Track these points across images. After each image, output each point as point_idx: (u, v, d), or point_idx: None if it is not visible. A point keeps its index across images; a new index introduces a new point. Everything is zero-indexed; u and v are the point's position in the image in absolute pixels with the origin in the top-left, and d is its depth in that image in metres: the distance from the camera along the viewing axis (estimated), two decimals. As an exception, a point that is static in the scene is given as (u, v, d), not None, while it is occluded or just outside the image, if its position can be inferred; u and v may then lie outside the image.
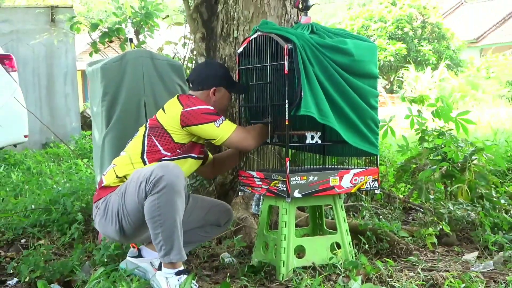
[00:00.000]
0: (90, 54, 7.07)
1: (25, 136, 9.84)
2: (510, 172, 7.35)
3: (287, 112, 3.82)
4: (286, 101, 3.81)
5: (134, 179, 3.64)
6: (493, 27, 37.04)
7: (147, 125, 3.93)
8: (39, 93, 12.63)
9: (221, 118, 3.88)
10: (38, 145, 12.04)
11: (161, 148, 3.84)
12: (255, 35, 4.08)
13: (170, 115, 3.87)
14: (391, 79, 30.24)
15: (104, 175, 3.91)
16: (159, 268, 3.67)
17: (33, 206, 5.73)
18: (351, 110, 3.97)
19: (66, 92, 12.77)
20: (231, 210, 4.21)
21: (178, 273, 3.59)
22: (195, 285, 3.58)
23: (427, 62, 29.82)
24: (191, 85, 4.08)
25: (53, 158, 10.11)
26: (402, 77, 27.63)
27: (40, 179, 7.75)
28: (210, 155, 4.27)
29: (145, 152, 3.84)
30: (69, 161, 9.56)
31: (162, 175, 3.50)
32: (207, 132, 3.86)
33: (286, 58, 3.79)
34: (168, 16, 7.69)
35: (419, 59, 30.38)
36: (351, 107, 3.97)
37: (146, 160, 3.83)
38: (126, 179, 3.79)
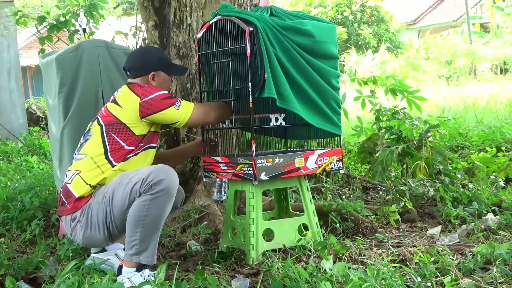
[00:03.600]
0: (41, 51, 6.89)
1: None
2: (459, 148, 7.48)
3: (251, 95, 3.80)
4: (250, 83, 3.79)
5: (124, 182, 3.56)
6: (429, 9, 37.61)
7: (102, 123, 3.79)
8: (-18, 90, 12.33)
9: (178, 100, 3.83)
10: (-17, 144, 11.74)
11: (123, 144, 3.74)
12: (214, 19, 4.04)
13: (127, 108, 3.76)
14: (333, 64, 30.41)
15: (68, 183, 3.73)
16: (119, 272, 3.60)
17: (-12, 205, 5.59)
18: (314, 91, 3.98)
19: (10, 88, 12.44)
20: (182, 190, 4.09)
21: (138, 269, 3.54)
22: (152, 277, 3.51)
23: (367, 46, 30.13)
24: (128, 73, 3.98)
25: (2, 156, 9.89)
26: (343, 61, 27.87)
27: (-10, 177, 7.58)
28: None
29: (108, 151, 3.73)
30: (19, 158, 9.37)
31: (162, 179, 3.46)
32: (168, 117, 3.79)
33: (248, 40, 3.77)
34: (118, 5, 7.56)
35: (359, 42, 30.67)
36: (313, 88, 3.98)
37: (111, 159, 3.72)
38: (100, 185, 3.71)
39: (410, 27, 35.98)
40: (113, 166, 3.72)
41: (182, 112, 3.81)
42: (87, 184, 3.68)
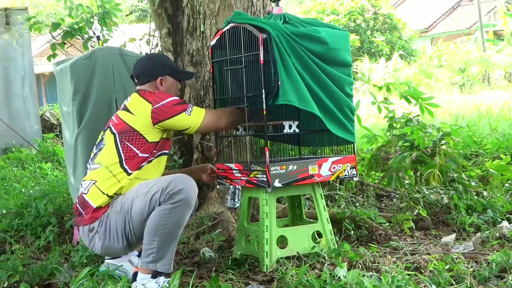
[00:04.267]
0: (49, 58, 6.92)
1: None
2: (473, 156, 7.45)
3: (264, 102, 3.80)
4: (263, 90, 3.79)
5: (143, 192, 3.58)
6: (442, 16, 37.54)
7: (115, 131, 3.80)
8: (-3, 97, 12.35)
9: (190, 106, 3.84)
10: (-2, 151, 11.77)
11: (138, 152, 3.74)
12: (228, 27, 4.05)
13: (139, 115, 3.77)
14: (346, 71, 30.38)
15: (84, 193, 3.74)
16: (134, 279, 3.60)
17: (4, 211, 5.61)
18: (328, 98, 3.97)
19: (24, 95, 12.46)
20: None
21: (154, 276, 3.54)
22: (167, 284, 3.52)
23: (380, 53, 30.08)
24: (136, 80, 4.00)
25: (16, 163, 9.93)
26: (356, 69, 27.83)
27: (5, 184, 7.60)
28: None
29: (123, 160, 3.73)
30: (33, 165, 9.41)
31: (182, 188, 3.48)
32: (180, 123, 3.80)
33: (261, 48, 3.77)
34: (131, 12, 7.58)
35: (372, 50, 30.62)
36: (328, 95, 3.97)
37: (127, 168, 3.72)
38: (117, 195, 3.72)
39: (423, 35, 35.92)
40: (128, 174, 3.72)
41: (194, 118, 3.82)
42: (104, 194, 3.69)
